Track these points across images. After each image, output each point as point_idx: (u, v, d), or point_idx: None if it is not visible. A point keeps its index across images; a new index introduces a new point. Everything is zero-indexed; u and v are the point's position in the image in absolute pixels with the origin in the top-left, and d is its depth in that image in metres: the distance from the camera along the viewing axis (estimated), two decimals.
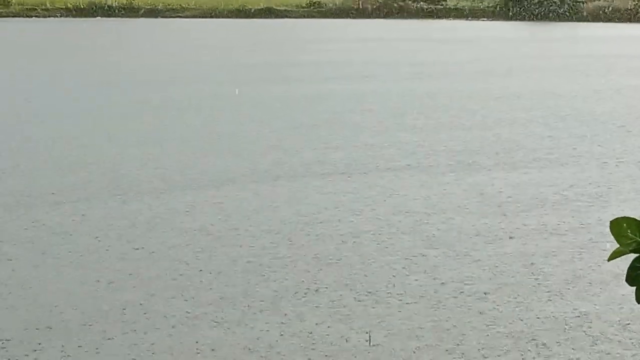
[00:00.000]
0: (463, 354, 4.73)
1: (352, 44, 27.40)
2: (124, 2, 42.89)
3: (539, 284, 5.86)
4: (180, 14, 42.66)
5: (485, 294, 5.65)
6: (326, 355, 4.72)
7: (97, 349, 4.82)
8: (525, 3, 42.57)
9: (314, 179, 8.86)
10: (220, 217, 7.40)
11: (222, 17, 42.45)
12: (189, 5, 43.52)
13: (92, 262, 6.25)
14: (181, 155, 10.03)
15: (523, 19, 42.33)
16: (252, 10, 43.00)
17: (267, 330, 5.04)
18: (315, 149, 10.37)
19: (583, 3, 42.89)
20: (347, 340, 4.90)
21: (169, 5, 43.44)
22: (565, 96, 15.32)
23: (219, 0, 43.65)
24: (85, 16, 41.77)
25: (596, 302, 5.51)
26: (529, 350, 4.80)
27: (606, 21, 41.18)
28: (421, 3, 44.25)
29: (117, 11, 42.40)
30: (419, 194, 8.30)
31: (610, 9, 41.95)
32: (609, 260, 2.15)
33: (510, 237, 6.92)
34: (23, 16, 41.40)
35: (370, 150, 10.31)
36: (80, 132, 11.63)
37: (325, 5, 44.01)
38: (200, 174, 9.05)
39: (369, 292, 5.65)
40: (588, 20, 41.64)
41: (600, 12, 42.11)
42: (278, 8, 43.45)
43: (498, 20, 42.38)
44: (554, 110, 13.62)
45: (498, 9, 43.62)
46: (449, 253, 6.49)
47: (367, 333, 4.99)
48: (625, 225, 2.07)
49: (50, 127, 12.07)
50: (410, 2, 44.15)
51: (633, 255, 2.09)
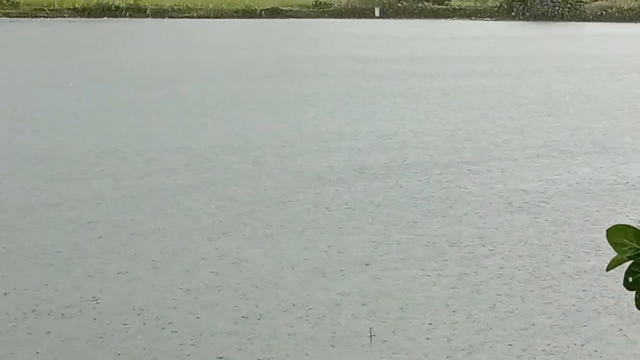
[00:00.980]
0: None
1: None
2: (131, 2, 43.16)
3: None
4: (187, 14, 42.94)
5: None
6: None
7: None
8: (529, 2, 42.86)
9: None
10: None
11: (229, 18, 42.75)
12: (195, 5, 43.80)
13: None
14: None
15: (527, 18, 42.61)
16: (259, 11, 43.30)
17: None
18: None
19: (585, 3, 43.20)
20: None
21: (175, 5, 43.72)
22: None
23: (225, 0, 43.97)
24: (93, 16, 42.05)
25: None
26: None
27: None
28: (425, 3, 44.54)
29: (124, 12, 42.70)
30: None
31: None
32: (607, 270, 2.15)
33: None
34: (31, 16, 41.69)
35: None
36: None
37: (332, 5, 44.32)
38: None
39: None
40: (590, 20, 41.94)
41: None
42: (284, 8, 43.76)
43: (502, 20, 42.66)
44: None
45: (501, 9, 43.92)
46: None
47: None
48: (621, 233, 2.06)
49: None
50: (413, 2, 44.45)
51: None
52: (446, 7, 44.94)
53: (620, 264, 2.12)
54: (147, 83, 18.01)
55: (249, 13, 43.24)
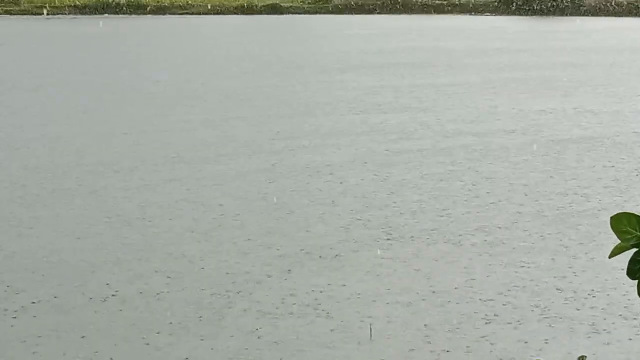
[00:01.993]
0: None
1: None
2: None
3: None
4: (187, 11, 43.02)
5: None
6: None
7: None
8: None
9: None
10: None
11: (229, 14, 42.84)
12: (195, 2, 43.87)
13: None
14: None
15: (526, 13, 42.70)
16: (259, 7, 43.37)
17: None
18: None
19: None
20: None
21: (174, 2, 43.78)
22: None
23: None
24: (93, 13, 42.15)
25: None
26: None
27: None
28: None
29: (125, 8, 42.78)
30: None
31: None
32: (610, 257, 2.16)
33: None
34: (33, 14, 41.79)
35: None
36: None
37: (332, 1, 44.39)
38: None
39: None
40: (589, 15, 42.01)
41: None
42: (283, 5, 43.83)
43: (500, 15, 42.74)
44: None
45: (499, 3, 43.99)
46: None
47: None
48: (625, 220, 2.08)
49: None
50: None
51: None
52: (446, 2, 45.02)
53: (623, 251, 2.13)
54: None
55: (248, 9, 43.31)
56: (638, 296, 2.14)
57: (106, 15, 41.90)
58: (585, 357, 2.20)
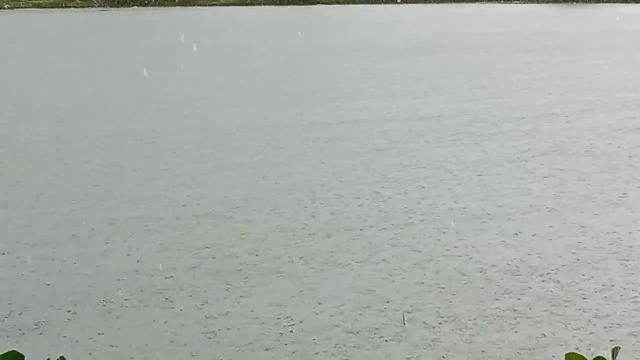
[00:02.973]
0: None
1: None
2: None
3: None
4: (215, 2, 43.06)
5: None
6: None
7: None
8: None
9: None
10: None
11: (258, 5, 42.81)
12: None
13: None
14: None
15: (555, 0, 42.42)
16: None
17: None
18: None
19: None
20: None
21: None
22: None
23: None
24: (122, 6, 42.29)
25: None
26: None
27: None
28: None
29: (153, 0, 42.91)
30: None
31: None
32: None
33: None
34: (62, 7, 41.98)
35: None
36: None
37: None
38: None
39: None
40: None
41: None
42: None
43: (530, 3, 42.44)
44: None
45: None
46: None
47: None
48: None
49: None
50: None
51: None
52: None
53: None
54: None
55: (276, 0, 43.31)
56: None
57: (135, 7, 42.01)
58: (620, 348, 2.13)
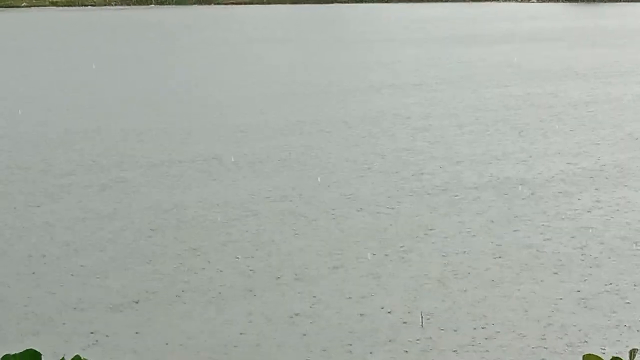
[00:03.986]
0: None
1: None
2: None
3: None
4: (232, 1, 43.01)
5: None
6: None
7: None
8: None
9: None
10: None
11: (275, 4, 42.76)
12: None
13: None
14: None
15: (575, 0, 42.23)
16: None
17: None
18: None
19: None
20: None
21: None
22: None
23: None
24: (140, 4, 42.34)
25: None
26: None
27: None
28: None
29: None
30: None
31: None
32: None
33: None
34: (79, 5, 42.04)
35: None
36: None
37: None
38: None
39: None
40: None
41: None
42: None
43: (547, 2, 42.30)
44: None
45: None
46: None
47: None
48: None
49: None
50: None
51: None
52: None
53: None
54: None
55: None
56: None
57: (152, 5, 42.06)
58: (638, 349, 2.14)
